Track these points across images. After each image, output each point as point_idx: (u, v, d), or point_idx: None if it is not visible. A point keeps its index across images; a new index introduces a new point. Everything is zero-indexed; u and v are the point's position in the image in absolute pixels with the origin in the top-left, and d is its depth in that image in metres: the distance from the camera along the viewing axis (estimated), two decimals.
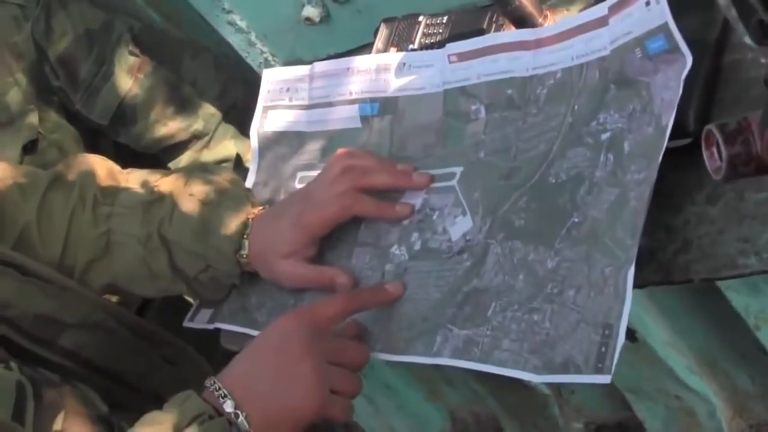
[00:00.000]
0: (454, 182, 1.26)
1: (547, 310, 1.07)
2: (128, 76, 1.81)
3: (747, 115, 0.94)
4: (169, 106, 1.83)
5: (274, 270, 1.31)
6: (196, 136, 1.86)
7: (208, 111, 1.85)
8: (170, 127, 1.84)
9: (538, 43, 1.23)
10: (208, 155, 1.87)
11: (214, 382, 1.09)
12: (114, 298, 1.46)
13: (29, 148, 1.75)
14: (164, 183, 1.37)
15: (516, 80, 1.25)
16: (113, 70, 1.81)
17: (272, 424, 1.09)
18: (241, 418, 1.07)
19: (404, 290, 1.24)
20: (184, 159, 1.87)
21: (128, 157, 1.64)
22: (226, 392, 1.08)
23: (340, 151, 1.34)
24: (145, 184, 1.38)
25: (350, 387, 1.15)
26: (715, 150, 0.96)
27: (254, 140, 1.50)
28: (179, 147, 1.87)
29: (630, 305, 0.99)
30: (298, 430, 1.12)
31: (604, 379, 0.99)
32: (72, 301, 1.22)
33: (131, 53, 1.82)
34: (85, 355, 1.22)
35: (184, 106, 1.84)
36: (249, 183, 1.48)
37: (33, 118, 1.77)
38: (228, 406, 1.07)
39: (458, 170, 1.27)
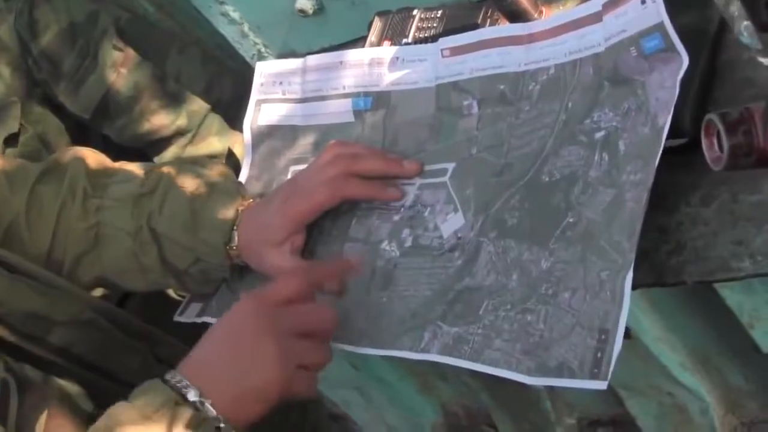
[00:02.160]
0: (446, 178, 1.25)
1: (541, 311, 1.06)
2: (111, 71, 1.80)
3: (749, 106, 0.93)
4: (152, 101, 1.82)
5: (263, 260, 1.30)
6: (180, 132, 1.85)
7: (193, 107, 1.84)
8: (153, 122, 1.83)
9: (531, 38, 1.22)
10: (192, 151, 1.86)
11: (175, 375, 1.08)
12: (98, 291, 1.45)
13: (10, 140, 1.74)
14: (155, 176, 1.36)
15: (508, 75, 1.24)
16: (96, 64, 1.80)
17: (238, 405, 1.08)
18: (206, 404, 1.06)
19: (373, 275, 1.24)
20: (168, 154, 1.86)
21: (117, 151, 1.63)
22: (187, 383, 1.07)
23: (331, 142, 1.33)
24: (135, 177, 1.37)
25: (318, 358, 1.14)
26: (715, 140, 0.95)
27: (247, 134, 1.49)
28: (163, 142, 1.86)
29: (627, 310, 0.98)
30: (267, 408, 1.10)
31: (600, 385, 0.98)
32: (61, 299, 1.21)
33: (115, 47, 1.81)
34: (76, 352, 1.20)
35: (168, 101, 1.83)
36: (242, 177, 1.47)
37: (15, 111, 1.76)
38: (192, 395, 1.06)
39: (450, 166, 1.26)
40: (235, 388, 1.08)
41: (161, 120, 1.83)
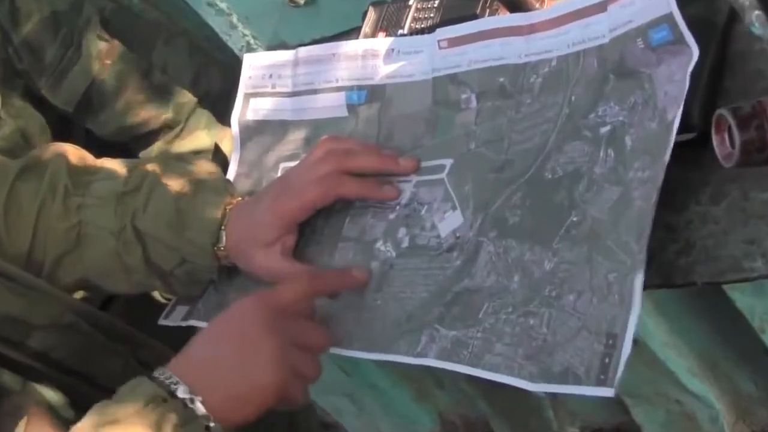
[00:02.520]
0: (443, 175, 1.25)
1: (545, 314, 1.05)
2: (96, 61, 1.80)
3: (761, 99, 0.93)
4: (138, 94, 1.82)
5: (252, 262, 1.30)
6: (168, 126, 1.85)
7: (180, 99, 1.84)
8: (139, 115, 1.83)
9: (531, 29, 1.22)
10: (180, 145, 1.85)
11: (164, 371, 1.07)
12: (79, 294, 1.44)
13: None
14: (139, 173, 1.36)
15: (508, 67, 1.23)
16: (80, 55, 1.80)
17: (231, 405, 1.08)
18: (196, 402, 1.05)
19: (370, 277, 1.24)
20: (155, 149, 1.86)
21: (100, 146, 1.62)
22: (177, 379, 1.06)
23: (324, 137, 1.33)
24: (119, 174, 1.36)
25: (311, 370, 1.14)
26: (726, 135, 0.95)
27: (235, 129, 1.48)
28: (149, 136, 1.86)
29: (638, 315, 0.97)
30: (259, 411, 1.10)
31: (607, 392, 0.96)
32: (41, 302, 1.20)
33: (100, 37, 1.80)
34: (56, 356, 1.20)
35: (154, 93, 1.83)
36: (230, 174, 1.47)
37: None
38: (181, 392, 1.05)
39: (448, 162, 1.25)
40: (229, 387, 1.08)
41: (147, 113, 1.83)
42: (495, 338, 1.08)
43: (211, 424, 1.06)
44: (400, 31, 1.38)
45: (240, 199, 1.34)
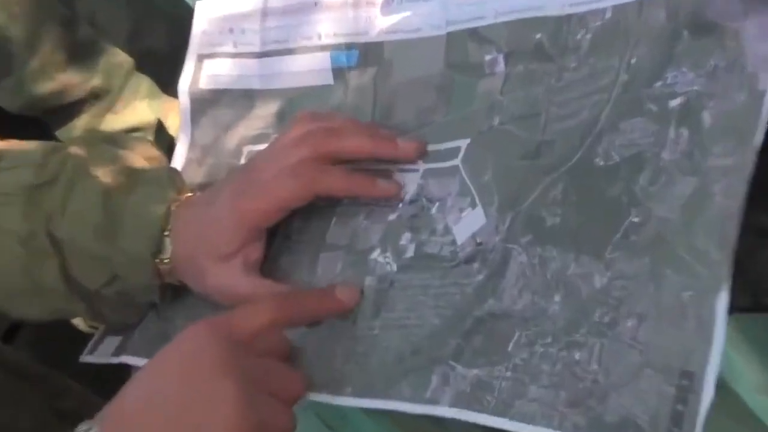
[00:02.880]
0: (458, 161, 1.25)
1: (595, 346, 1.04)
2: (1, 11, 1.80)
3: None
4: (57, 53, 1.83)
5: (206, 279, 1.30)
6: (96, 95, 1.86)
7: (114, 60, 1.85)
8: (59, 80, 1.84)
9: None
10: (112, 121, 1.87)
11: (90, 427, 1.05)
12: None
13: None
14: (57, 159, 1.36)
15: (548, 20, 1.24)
16: None
17: None
18: None
19: (363, 299, 1.23)
20: (79, 126, 1.87)
21: (5, 124, 1.61)
22: None
23: (301, 112, 1.33)
24: (29, 161, 1.37)
25: (282, 422, 1.12)
26: None
27: (185, 101, 1.49)
28: (72, 109, 1.87)
29: (722, 346, 0.96)
30: None
31: None
32: None
33: None
34: None
35: (78, 52, 1.84)
36: (178, 161, 1.48)
37: None
38: None
39: (464, 144, 1.26)
40: None
41: (69, 77, 1.84)
42: (529, 378, 1.08)
43: None
44: None
45: (190, 194, 1.34)
